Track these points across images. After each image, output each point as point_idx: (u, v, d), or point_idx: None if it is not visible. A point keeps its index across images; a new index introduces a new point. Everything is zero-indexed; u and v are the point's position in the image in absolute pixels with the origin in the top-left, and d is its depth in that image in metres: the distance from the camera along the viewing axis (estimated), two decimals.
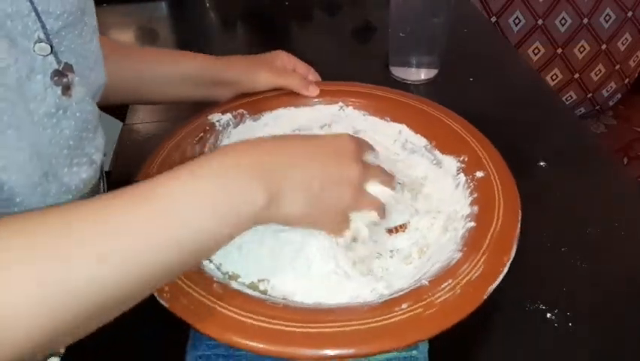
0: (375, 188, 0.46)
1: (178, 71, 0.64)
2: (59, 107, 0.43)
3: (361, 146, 0.46)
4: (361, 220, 0.45)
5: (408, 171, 0.57)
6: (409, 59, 0.79)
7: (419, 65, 0.80)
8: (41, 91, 0.41)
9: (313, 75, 0.69)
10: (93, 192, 0.50)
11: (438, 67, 0.81)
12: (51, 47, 0.42)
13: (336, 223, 0.45)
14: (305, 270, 0.45)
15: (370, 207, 0.45)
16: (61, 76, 0.43)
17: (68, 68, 0.44)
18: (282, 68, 0.67)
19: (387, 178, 0.47)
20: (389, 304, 0.41)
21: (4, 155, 0.38)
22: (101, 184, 0.54)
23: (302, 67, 0.68)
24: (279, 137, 0.44)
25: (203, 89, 0.66)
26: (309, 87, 0.65)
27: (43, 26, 0.41)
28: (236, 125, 0.63)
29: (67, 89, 0.43)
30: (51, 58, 0.42)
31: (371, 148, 0.49)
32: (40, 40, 0.41)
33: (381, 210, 0.46)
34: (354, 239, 0.46)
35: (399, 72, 0.81)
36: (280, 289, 0.45)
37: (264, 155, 0.40)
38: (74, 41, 0.45)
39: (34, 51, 0.40)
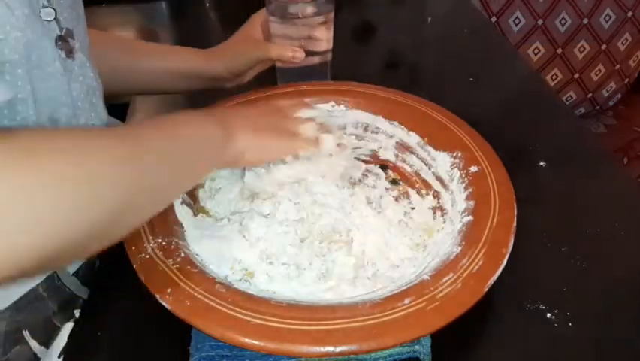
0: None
1: (167, 66, 0.66)
2: (66, 68, 0.45)
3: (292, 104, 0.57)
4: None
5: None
6: (297, 78, 0.71)
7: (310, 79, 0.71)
8: (50, 53, 0.44)
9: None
10: None
11: (328, 80, 0.73)
12: (55, 12, 0.44)
13: (287, 140, 0.52)
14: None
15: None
16: (64, 41, 0.45)
17: (69, 33, 0.46)
18: (261, 40, 0.68)
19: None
20: (392, 299, 0.41)
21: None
22: None
23: None
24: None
25: (194, 83, 0.68)
26: (297, 54, 0.65)
27: None
28: None
29: (70, 52, 0.46)
30: (54, 24, 0.44)
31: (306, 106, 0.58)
32: (45, 6, 0.43)
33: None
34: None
35: None
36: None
37: (216, 112, 0.52)
38: (70, 10, 0.47)
39: (40, 16, 0.43)
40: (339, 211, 0.52)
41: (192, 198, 0.55)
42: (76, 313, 0.50)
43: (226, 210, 0.54)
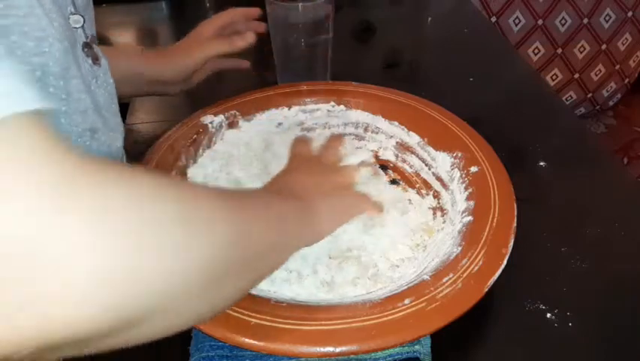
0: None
1: (119, 71, 0.61)
2: (93, 75, 0.45)
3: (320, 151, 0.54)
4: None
5: None
6: (297, 78, 0.71)
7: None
8: (81, 62, 0.43)
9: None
10: None
11: (328, 80, 0.74)
12: (83, 18, 0.44)
13: (354, 198, 0.48)
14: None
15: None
16: (90, 48, 0.45)
17: (94, 39, 0.46)
18: (207, 38, 0.66)
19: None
20: (392, 300, 0.41)
21: (66, 99, 0.41)
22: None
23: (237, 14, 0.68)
24: (282, 175, 0.50)
25: (139, 86, 0.64)
26: (235, 42, 0.63)
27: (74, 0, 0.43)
28: (229, 127, 0.63)
29: (96, 59, 0.46)
30: (80, 31, 0.44)
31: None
32: (73, 13, 0.43)
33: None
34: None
35: None
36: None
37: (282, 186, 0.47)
38: (89, 15, 0.47)
39: (70, 24, 0.42)
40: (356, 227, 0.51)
41: None
42: None
43: None
